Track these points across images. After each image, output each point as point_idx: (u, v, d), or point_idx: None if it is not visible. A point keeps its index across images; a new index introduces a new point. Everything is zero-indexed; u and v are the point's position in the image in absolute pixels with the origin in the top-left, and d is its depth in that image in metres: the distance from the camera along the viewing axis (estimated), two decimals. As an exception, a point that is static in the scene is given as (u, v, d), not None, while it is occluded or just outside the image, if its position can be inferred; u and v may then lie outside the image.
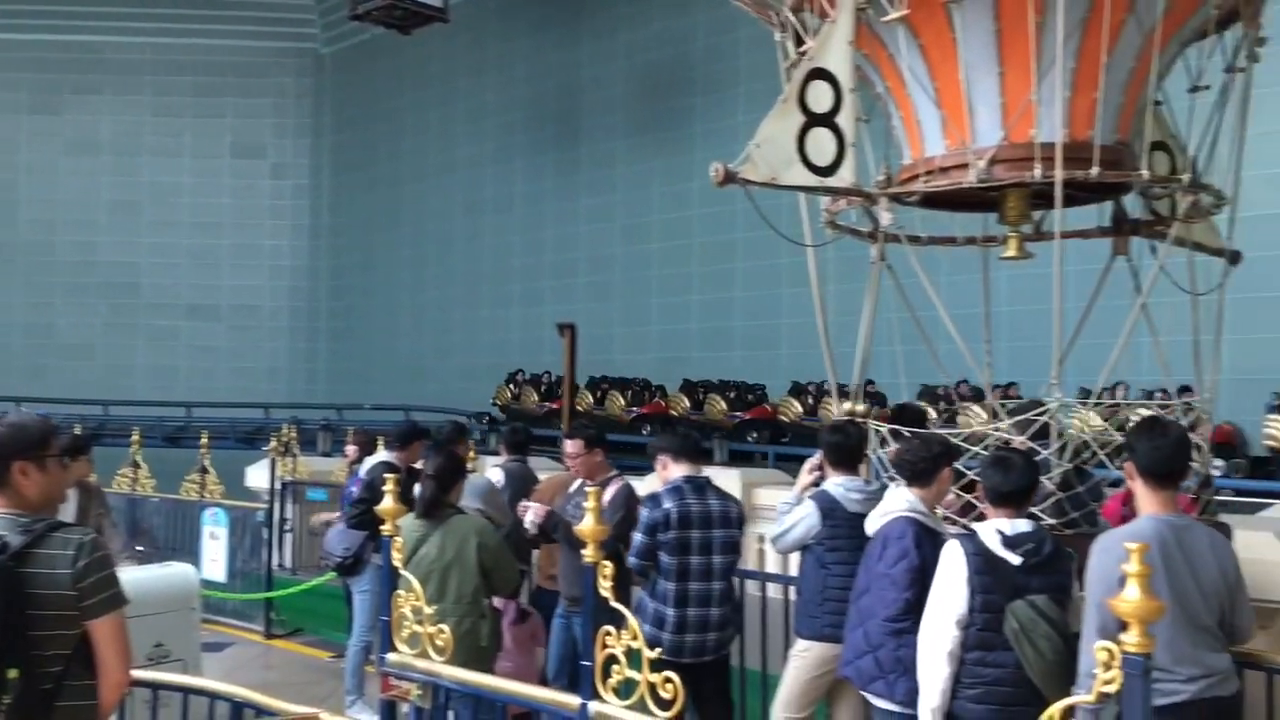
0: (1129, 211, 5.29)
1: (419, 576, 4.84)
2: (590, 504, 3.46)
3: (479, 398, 26.62)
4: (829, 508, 4.92)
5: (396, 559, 4.19)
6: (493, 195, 29.98)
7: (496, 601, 5.43)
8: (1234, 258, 5.19)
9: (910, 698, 4.04)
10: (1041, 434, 4.56)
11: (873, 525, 4.44)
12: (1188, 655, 3.50)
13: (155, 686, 4.04)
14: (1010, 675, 3.73)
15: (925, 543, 4.19)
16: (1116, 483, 4.69)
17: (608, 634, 3.31)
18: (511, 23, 29.73)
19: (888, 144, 5.21)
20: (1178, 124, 5.18)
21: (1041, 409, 4.51)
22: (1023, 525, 3.86)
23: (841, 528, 4.88)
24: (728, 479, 7.83)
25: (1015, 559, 3.78)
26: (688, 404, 21.92)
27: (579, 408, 21.77)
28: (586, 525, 3.41)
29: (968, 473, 4.54)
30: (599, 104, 27.61)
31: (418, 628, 4.02)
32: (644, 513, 5.01)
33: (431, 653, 4.00)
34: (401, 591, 4.10)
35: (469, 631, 4.92)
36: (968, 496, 4.58)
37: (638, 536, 4.98)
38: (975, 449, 4.66)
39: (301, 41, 34.68)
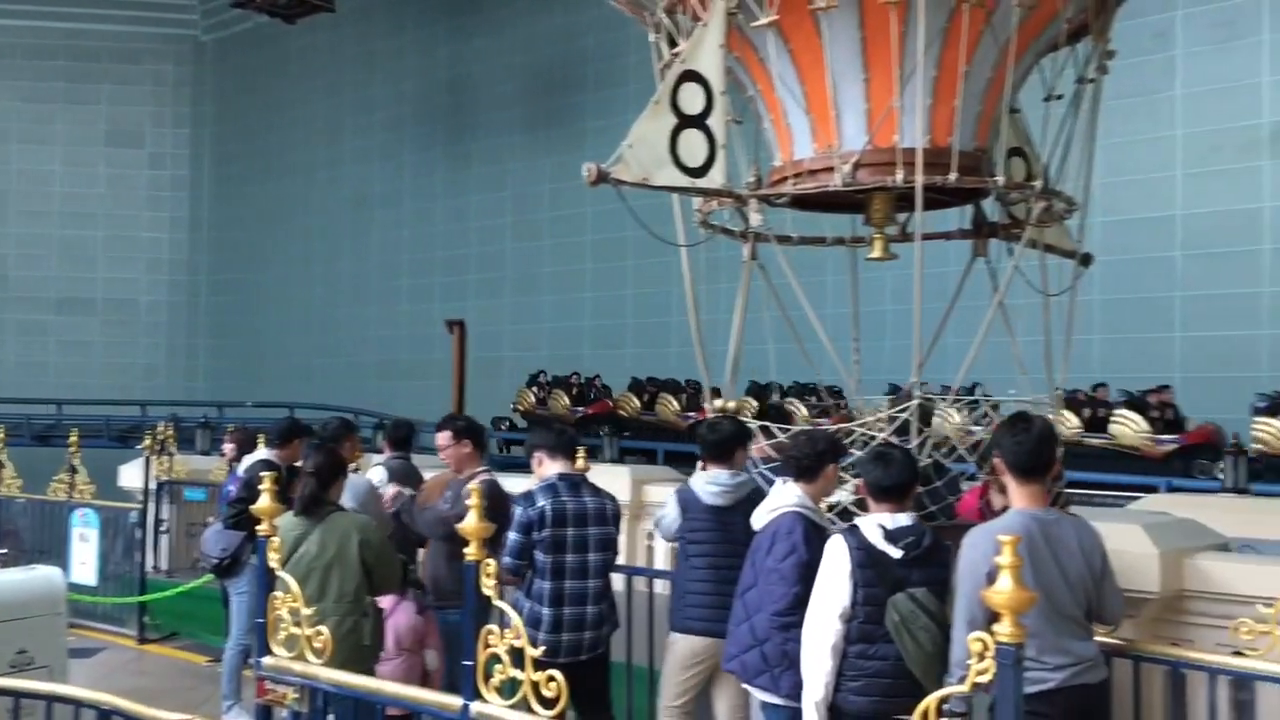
0: (988, 215, 5.50)
1: (299, 576, 4.79)
2: (473, 501, 3.47)
3: (367, 395, 26.20)
4: (687, 500, 5.01)
5: (273, 559, 4.14)
6: (381, 190, 29.53)
7: (387, 600, 5.39)
8: (1085, 260, 5.44)
9: (795, 691, 4.11)
10: (908, 429, 4.71)
11: (760, 520, 4.50)
12: (1054, 644, 3.65)
13: (17, 695, 3.90)
14: (891, 667, 3.82)
15: (813, 538, 4.26)
16: (974, 477, 4.88)
17: (490, 633, 3.33)
18: (400, 15, 29.32)
19: (757, 146, 5.33)
20: (1035, 131, 5.41)
21: (903, 405, 4.66)
22: (903, 519, 3.96)
23: (699, 520, 4.98)
24: (616, 476, 7.90)
25: (896, 552, 3.87)
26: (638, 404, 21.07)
27: (626, 411, 20.70)
28: (469, 523, 3.42)
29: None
30: (490, 99, 27.41)
31: (295, 630, 3.97)
32: (518, 511, 4.98)
33: (309, 655, 3.95)
34: (278, 593, 4.06)
35: (351, 631, 4.87)
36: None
37: (512, 535, 4.95)
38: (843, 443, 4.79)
39: (181, 28, 33.63)
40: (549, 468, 5.13)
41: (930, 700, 2.63)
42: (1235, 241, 17.25)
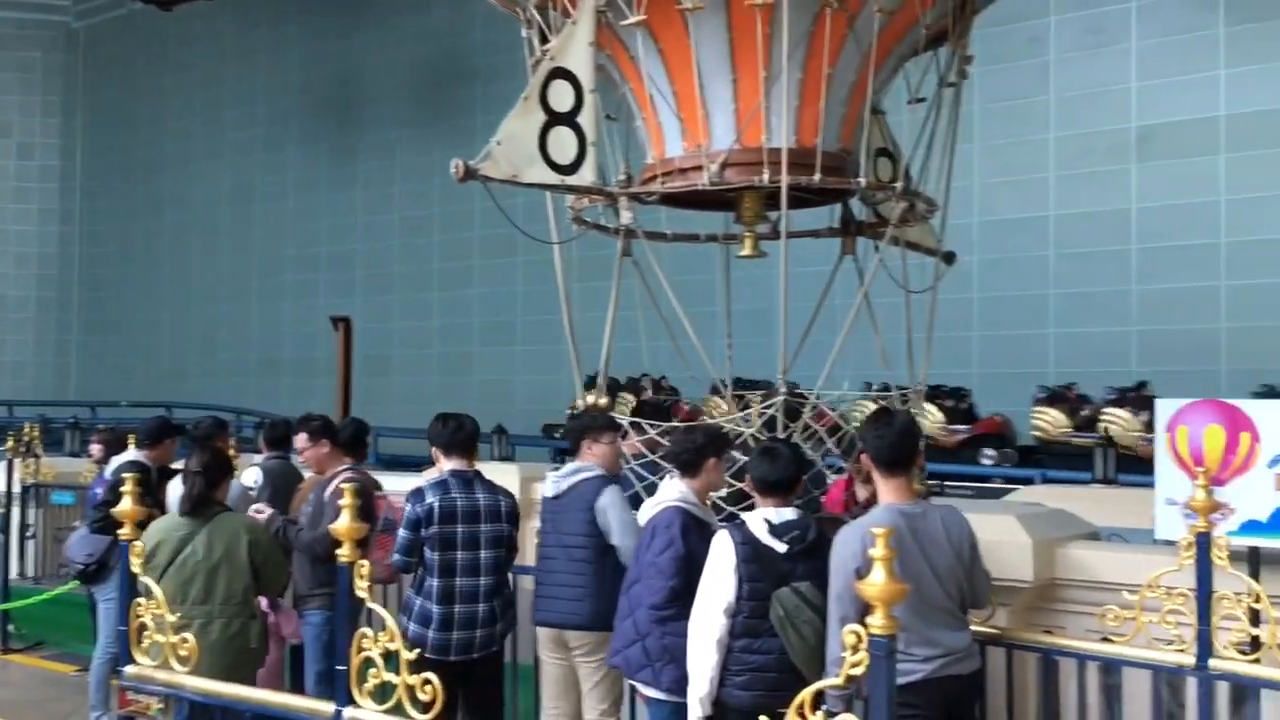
0: (857, 214, 5.61)
1: (184, 577, 4.70)
2: (346, 501, 3.40)
3: (249, 394, 25.54)
4: (544, 495, 5.07)
5: (136, 564, 3.99)
6: (263, 184, 28.77)
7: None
8: (948, 258, 5.59)
9: (676, 686, 4.14)
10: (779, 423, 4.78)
11: (645, 515, 4.53)
12: (922, 636, 3.72)
13: None
14: (776, 661, 3.86)
15: (693, 532, 4.29)
16: (841, 470, 4.96)
17: (364, 636, 3.25)
18: (282, 5, 28.60)
19: (628, 143, 5.34)
20: (902, 133, 5.53)
21: (768, 401, 4.72)
22: (788, 513, 4.00)
23: (544, 512, 5.08)
24: (505, 473, 7.82)
25: (781, 547, 3.91)
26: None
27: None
28: (340, 524, 3.34)
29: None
30: (377, 92, 26.93)
31: (159, 637, 3.84)
32: (407, 508, 4.95)
33: (174, 663, 3.82)
34: (141, 599, 3.91)
35: (239, 633, 4.82)
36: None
37: (401, 532, 4.94)
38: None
39: (51, 14, 32.25)
40: (444, 464, 5.11)
41: (805, 694, 2.63)
42: (1105, 241, 17.89)
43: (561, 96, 4.49)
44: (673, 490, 4.47)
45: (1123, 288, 17.75)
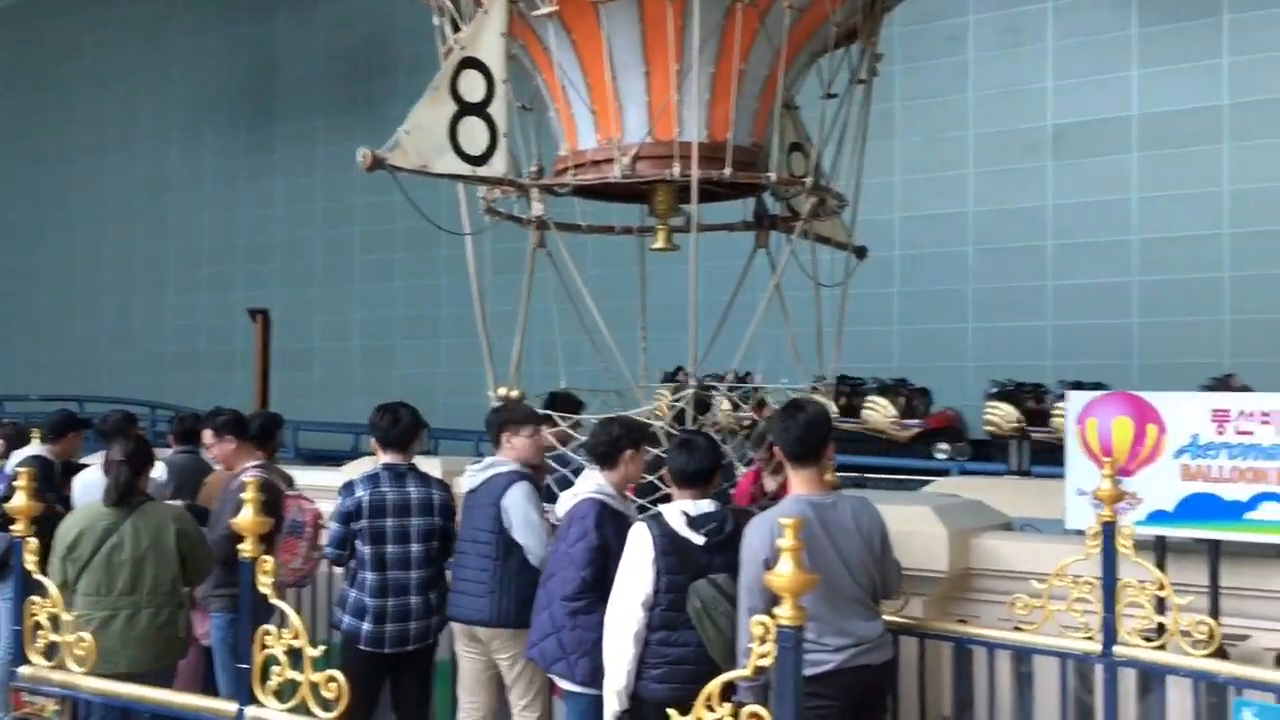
0: (771, 208, 5.64)
1: (110, 568, 4.61)
2: (248, 495, 3.33)
3: (165, 387, 24.97)
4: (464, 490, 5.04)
5: (30, 562, 3.86)
6: (179, 173, 28.12)
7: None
8: (859, 252, 5.64)
9: (591, 678, 4.13)
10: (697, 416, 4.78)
11: (563, 507, 4.51)
12: (834, 626, 3.73)
13: None
14: (693, 654, 3.85)
15: (608, 523, 4.28)
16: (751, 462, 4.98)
17: (267, 634, 3.18)
18: (199, -10, 28.00)
19: (539, 134, 5.31)
20: (816, 129, 5.57)
21: (679, 395, 4.72)
22: (706, 505, 3.99)
23: (464, 507, 5.03)
24: (428, 468, 7.74)
25: (699, 539, 3.91)
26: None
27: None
28: (243, 518, 3.26)
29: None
30: (297, 81, 26.47)
31: (54, 636, 3.72)
32: (338, 501, 4.97)
33: (70, 663, 3.71)
34: (35, 598, 3.78)
35: (166, 623, 4.78)
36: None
37: (332, 525, 4.97)
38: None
39: (-44, -4, 31.23)
40: (381, 458, 5.12)
41: (713, 685, 2.62)
42: (1022, 237, 18.24)
43: (472, 86, 4.44)
44: (590, 482, 4.47)
45: (1038, 283, 18.13)
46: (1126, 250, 17.52)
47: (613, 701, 3.97)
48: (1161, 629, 4.05)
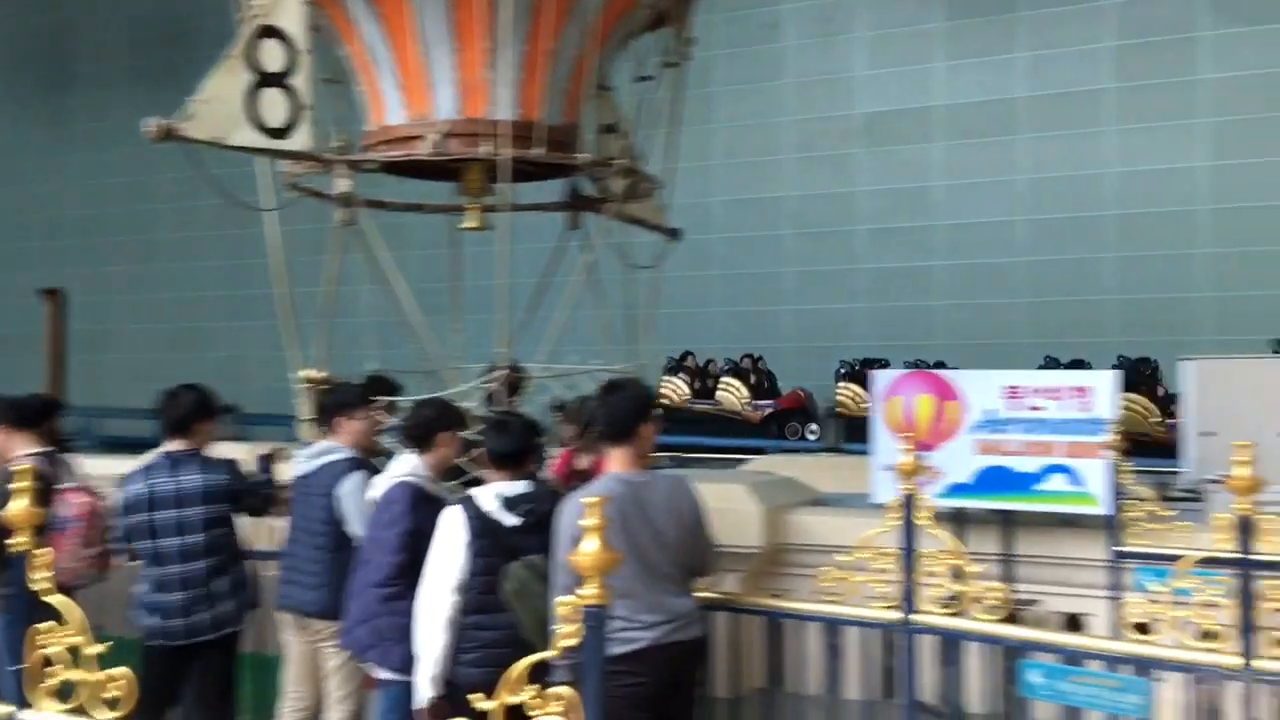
0: (586, 189, 5.64)
1: None
2: (18, 485, 3.10)
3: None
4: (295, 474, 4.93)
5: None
6: (-36, 144, 26.19)
7: None
8: (673, 234, 5.70)
9: (405, 664, 4.04)
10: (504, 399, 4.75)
11: (377, 492, 4.40)
12: (649, 603, 3.74)
13: None
14: (508, 636, 3.80)
15: (422, 507, 4.20)
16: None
17: (38, 632, 2.98)
18: (-18, -54, 26.05)
19: (350, 109, 5.16)
20: (633, 112, 5.59)
21: (488, 376, 4.68)
22: (521, 486, 3.96)
23: (294, 492, 4.93)
24: (236, 454, 7.41)
25: (514, 520, 3.88)
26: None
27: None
28: (13, 509, 3.04)
29: None
30: (94, 49, 24.96)
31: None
32: (121, 492, 4.75)
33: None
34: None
35: None
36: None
37: (119, 518, 4.79)
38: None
39: None
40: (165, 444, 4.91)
41: (520, 666, 2.60)
42: (836, 222, 18.85)
43: (271, 56, 4.25)
44: (404, 465, 4.39)
45: (850, 266, 18.76)
46: (931, 235, 18.32)
47: (426, 688, 3.91)
48: (957, 596, 4.23)
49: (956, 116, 18.17)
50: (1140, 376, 14.15)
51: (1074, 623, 4.95)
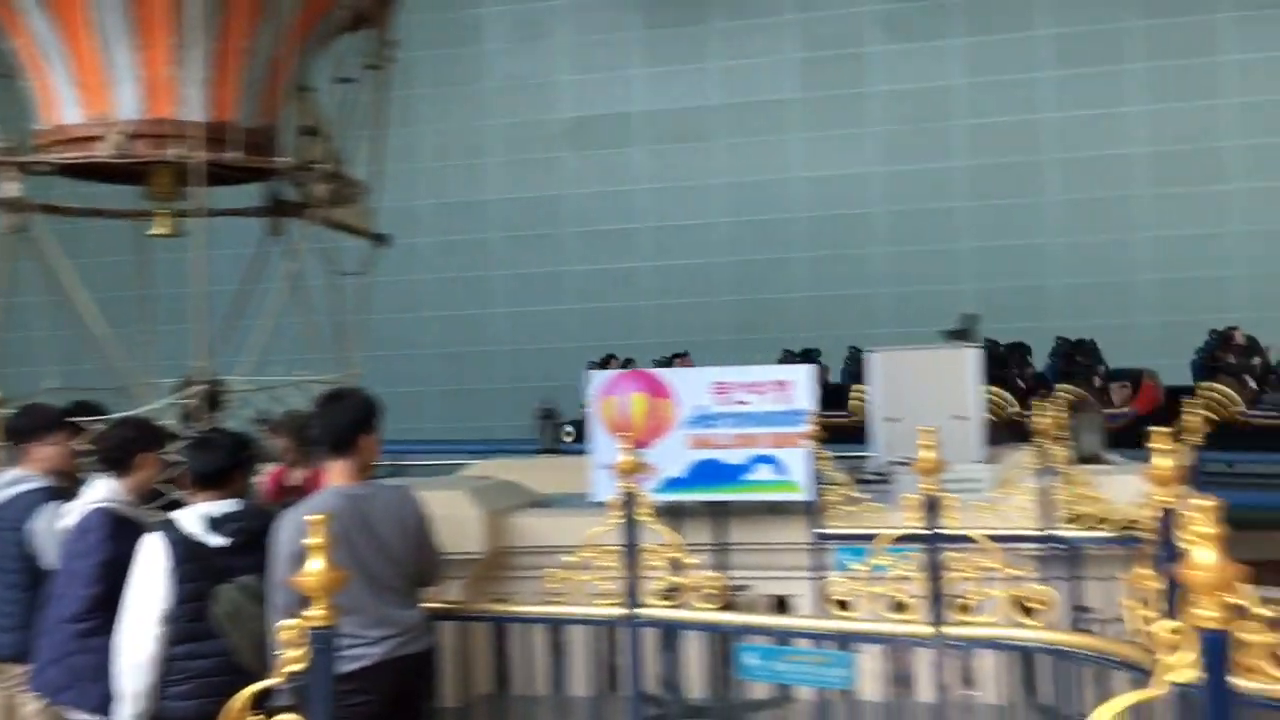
0: (286, 194, 5.45)
1: None
2: None
3: None
4: None
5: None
6: None
7: None
8: (379, 240, 5.60)
9: (104, 704, 3.77)
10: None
11: (70, 519, 4.08)
12: (377, 616, 3.65)
13: None
14: (223, 664, 3.62)
15: (120, 535, 3.92)
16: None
17: None
18: None
19: (6, 106, 4.76)
20: (333, 112, 5.44)
21: (184, 392, 4.46)
22: (228, 506, 3.77)
23: None
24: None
25: (221, 541, 3.69)
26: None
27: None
28: None
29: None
30: None
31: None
32: None
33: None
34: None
35: None
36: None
37: None
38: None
39: None
40: None
41: (243, 695, 2.46)
42: (542, 225, 19.04)
43: (-85, 47, 3.84)
44: (100, 490, 4.10)
45: (559, 268, 19.01)
46: (636, 238, 18.85)
47: (129, 728, 3.65)
48: (677, 588, 4.36)
49: (656, 122, 18.79)
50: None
51: (782, 604, 5.24)
